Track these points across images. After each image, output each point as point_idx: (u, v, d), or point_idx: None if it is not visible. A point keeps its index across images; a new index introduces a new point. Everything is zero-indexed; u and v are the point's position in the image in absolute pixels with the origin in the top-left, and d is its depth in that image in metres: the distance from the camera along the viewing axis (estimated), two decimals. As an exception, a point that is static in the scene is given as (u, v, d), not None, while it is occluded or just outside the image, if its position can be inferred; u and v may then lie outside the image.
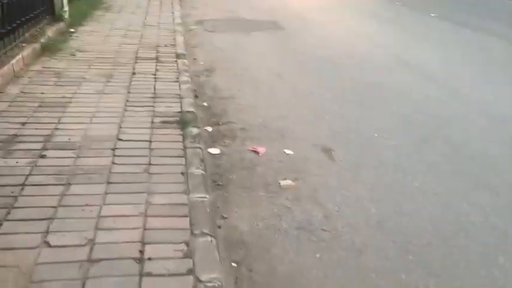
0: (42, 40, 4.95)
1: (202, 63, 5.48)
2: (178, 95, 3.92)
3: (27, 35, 4.84)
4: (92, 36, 5.72)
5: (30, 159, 2.69)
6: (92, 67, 4.54)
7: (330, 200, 2.80)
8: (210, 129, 3.72)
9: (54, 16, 5.86)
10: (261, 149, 3.40)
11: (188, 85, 4.17)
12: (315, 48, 6.37)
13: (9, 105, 3.48)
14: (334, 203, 2.78)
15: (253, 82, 4.90)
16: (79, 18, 6.43)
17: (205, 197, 2.45)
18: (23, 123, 3.18)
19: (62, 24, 5.84)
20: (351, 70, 5.52)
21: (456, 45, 7.01)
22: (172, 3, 8.57)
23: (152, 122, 3.33)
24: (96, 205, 2.30)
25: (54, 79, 4.13)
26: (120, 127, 3.23)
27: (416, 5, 10.19)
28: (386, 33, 7.60)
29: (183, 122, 3.36)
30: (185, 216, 2.26)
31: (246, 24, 7.78)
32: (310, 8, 9.63)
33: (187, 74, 4.48)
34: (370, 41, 6.95)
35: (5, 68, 3.95)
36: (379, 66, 5.74)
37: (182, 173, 2.67)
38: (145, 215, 2.24)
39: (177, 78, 4.36)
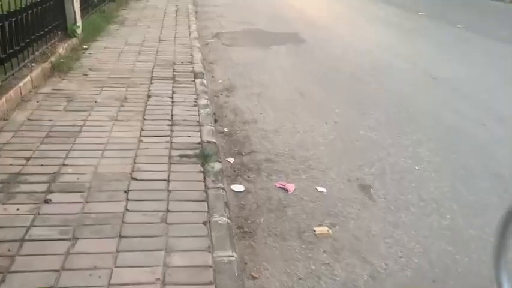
0: (53, 59, 4.67)
1: (220, 81, 5.17)
2: (198, 121, 3.58)
3: (37, 53, 4.55)
4: (105, 53, 5.44)
5: (33, 205, 2.37)
6: (104, 88, 4.24)
7: (374, 253, 2.43)
8: (232, 160, 3.38)
9: (67, 32, 5.57)
10: (290, 186, 3.04)
11: (208, 110, 3.83)
12: (337, 62, 6.01)
13: (14, 136, 3.18)
14: (379, 256, 2.40)
15: (275, 102, 4.57)
16: (92, 33, 6.16)
17: (232, 256, 2.09)
18: (28, 159, 2.86)
19: (74, 40, 5.57)
20: (377, 86, 5.15)
21: (488, 59, 6.57)
22: (188, 15, 8.30)
23: (170, 156, 2.99)
24: (106, 268, 1.95)
25: (64, 103, 3.83)
26: (135, 162, 2.89)
27: (441, 16, 9.75)
28: (412, 46, 7.21)
29: (203, 155, 3.01)
30: (210, 284, 1.91)
31: (264, 36, 7.46)
32: (330, 18, 9.29)
33: (206, 97, 4.14)
34: (395, 54, 6.56)
35: (11, 93, 3.65)
36: (407, 82, 5.35)
37: (204, 223, 2.31)
38: (164, 282, 1.89)
39: (196, 101, 4.02)
